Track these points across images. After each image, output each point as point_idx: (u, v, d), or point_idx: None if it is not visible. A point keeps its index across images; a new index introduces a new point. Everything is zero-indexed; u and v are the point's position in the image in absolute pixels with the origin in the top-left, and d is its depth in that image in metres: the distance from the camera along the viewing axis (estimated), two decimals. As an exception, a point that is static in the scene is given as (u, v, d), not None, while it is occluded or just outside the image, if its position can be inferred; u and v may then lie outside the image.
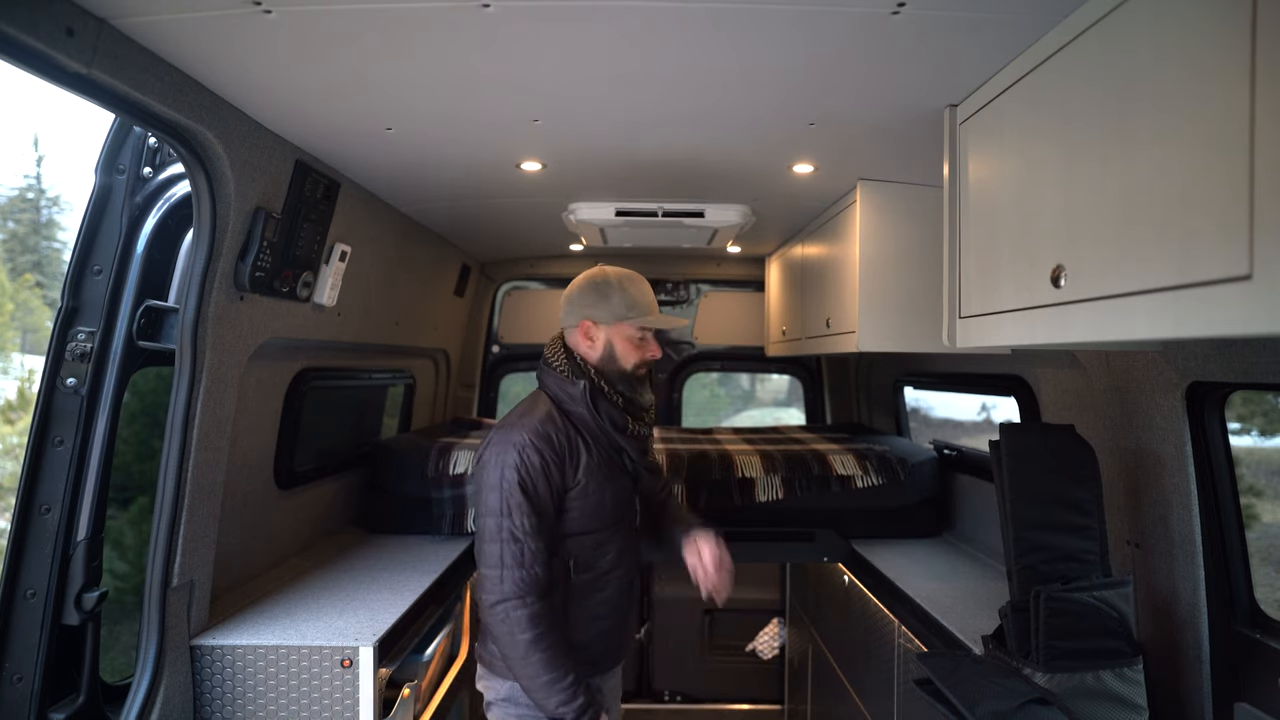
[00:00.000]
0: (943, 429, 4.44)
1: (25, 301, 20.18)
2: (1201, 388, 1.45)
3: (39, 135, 37.62)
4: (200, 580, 1.80)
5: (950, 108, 1.59)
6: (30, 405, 1.78)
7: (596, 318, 1.72)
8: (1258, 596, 1.48)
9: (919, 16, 1.20)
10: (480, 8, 1.18)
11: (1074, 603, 1.40)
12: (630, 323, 1.71)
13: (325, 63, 1.41)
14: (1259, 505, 4.98)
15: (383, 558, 2.50)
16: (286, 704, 1.76)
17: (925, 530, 2.81)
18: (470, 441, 2.93)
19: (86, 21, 1.19)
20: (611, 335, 1.72)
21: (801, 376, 4.26)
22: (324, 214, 2.05)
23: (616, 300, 1.71)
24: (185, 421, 1.68)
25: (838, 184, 2.30)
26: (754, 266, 3.93)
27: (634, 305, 1.72)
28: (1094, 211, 1.12)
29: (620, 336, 1.72)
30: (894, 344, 2.20)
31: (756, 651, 3.78)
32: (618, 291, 1.72)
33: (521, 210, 2.73)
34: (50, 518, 1.62)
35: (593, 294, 1.73)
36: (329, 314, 2.25)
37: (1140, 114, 1.01)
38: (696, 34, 1.28)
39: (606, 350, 1.73)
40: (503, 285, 4.10)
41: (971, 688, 1.38)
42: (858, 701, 2.53)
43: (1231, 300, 0.85)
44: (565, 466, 1.64)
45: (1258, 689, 1.42)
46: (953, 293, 1.60)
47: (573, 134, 1.84)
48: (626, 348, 1.72)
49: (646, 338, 1.75)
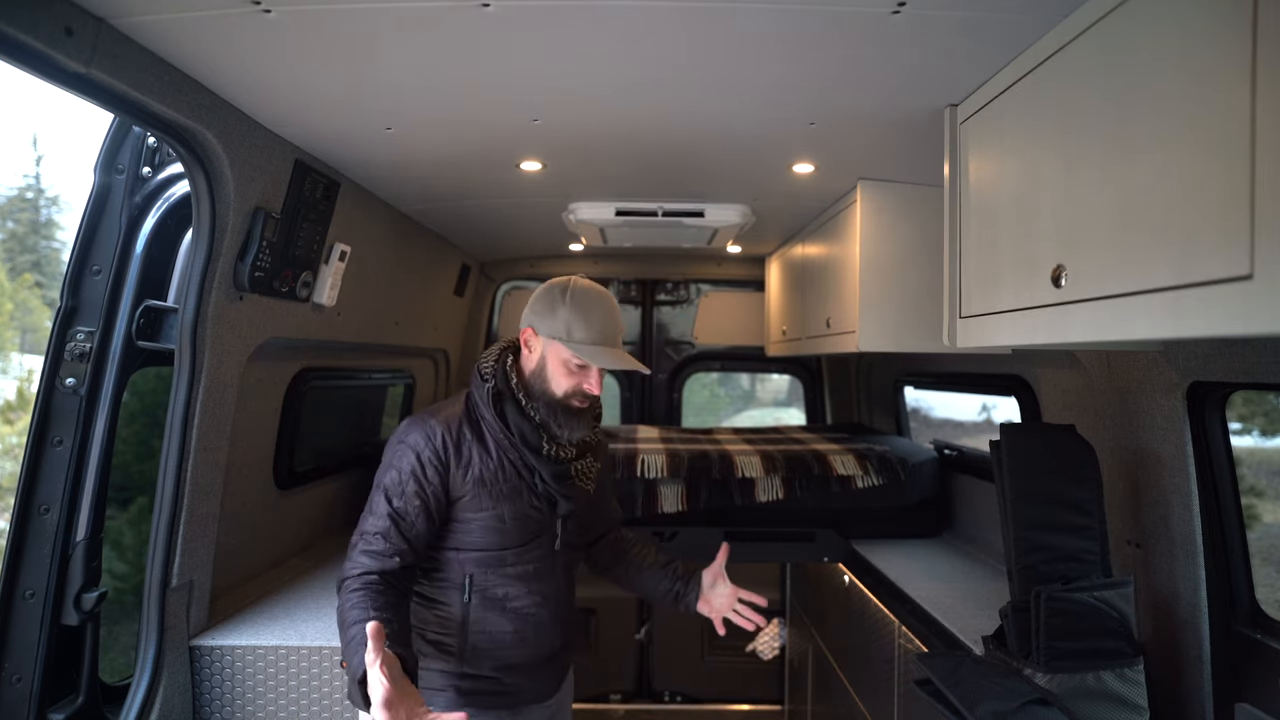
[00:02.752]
0: (943, 429, 4.43)
1: (24, 301, 20.17)
2: (1202, 388, 1.45)
3: (38, 135, 37.58)
4: (200, 580, 1.79)
5: (950, 108, 1.59)
6: (29, 405, 1.78)
7: (538, 327, 1.56)
8: (1258, 597, 1.48)
9: (919, 16, 1.20)
10: (480, 7, 1.18)
11: (1074, 603, 1.40)
12: (565, 345, 1.52)
13: (325, 63, 1.41)
14: (1260, 505, 4.98)
15: (382, 558, 2.49)
16: (286, 704, 1.76)
17: (925, 530, 2.81)
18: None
19: (85, 21, 1.19)
20: (547, 351, 1.55)
21: (802, 376, 4.26)
22: (323, 214, 2.05)
23: (561, 316, 1.53)
24: (185, 421, 1.68)
25: (838, 184, 2.30)
26: (754, 266, 3.93)
27: (575, 328, 1.52)
28: (1094, 211, 1.11)
29: (554, 356, 1.54)
30: (894, 344, 2.20)
31: (756, 651, 3.78)
32: (566, 308, 1.53)
33: (521, 210, 2.73)
34: (49, 518, 1.62)
35: (545, 301, 1.56)
36: (329, 314, 2.24)
37: (1141, 114, 1.01)
38: (696, 33, 1.28)
39: (539, 365, 1.56)
40: (502, 285, 4.10)
41: (972, 688, 1.37)
42: (858, 701, 2.52)
43: (1232, 300, 0.85)
44: (450, 473, 1.51)
45: (1258, 689, 1.42)
46: (953, 293, 1.60)
47: (573, 134, 1.84)
48: (558, 370, 1.54)
49: (588, 369, 1.54)
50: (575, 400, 1.55)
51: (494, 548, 1.55)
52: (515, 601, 1.58)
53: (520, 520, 1.56)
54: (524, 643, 1.59)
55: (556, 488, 1.58)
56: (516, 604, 1.58)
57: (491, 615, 1.56)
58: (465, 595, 1.56)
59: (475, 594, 1.56)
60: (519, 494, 1.55)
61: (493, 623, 1.57)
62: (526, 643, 1.59)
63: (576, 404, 1.56)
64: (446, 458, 1.51)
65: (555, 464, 1.56)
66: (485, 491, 1.53)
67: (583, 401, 1.56)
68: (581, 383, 1.54)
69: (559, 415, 1.56)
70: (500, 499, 1.54)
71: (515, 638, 1.58)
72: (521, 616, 1.58)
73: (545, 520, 1.60)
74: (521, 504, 1.56)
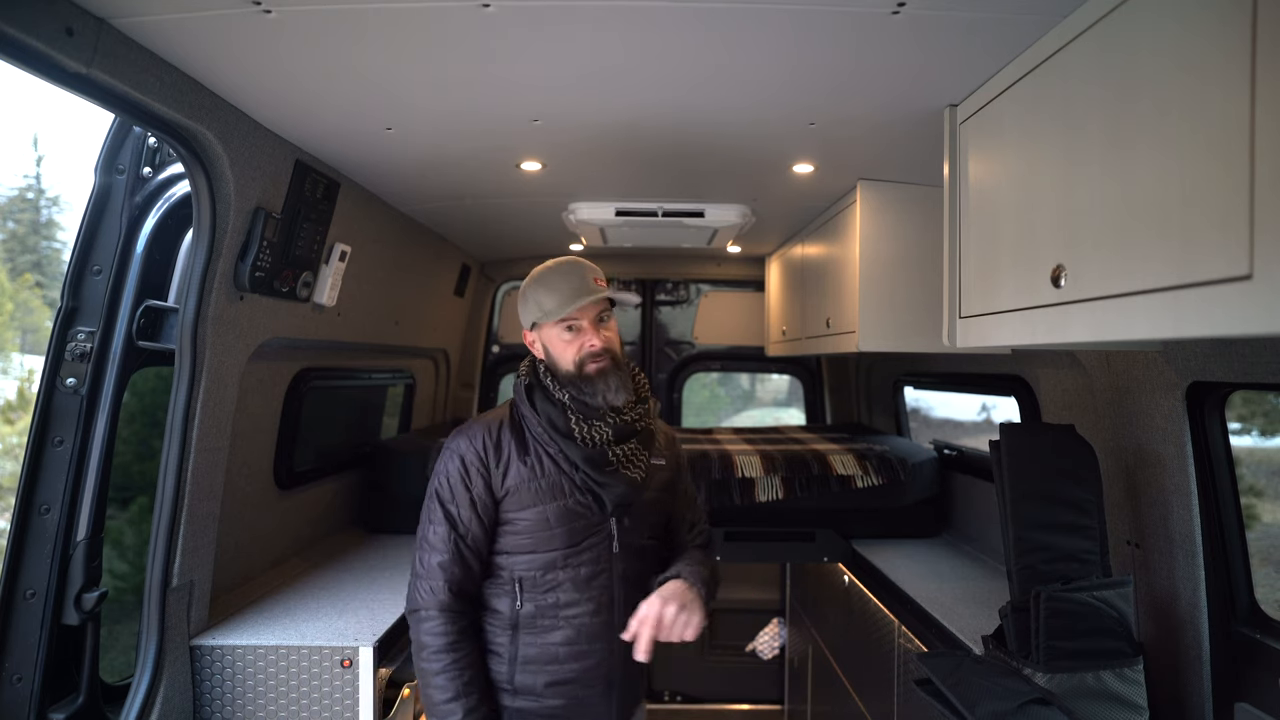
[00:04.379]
0: (943, 429, 4.44)
1: (25, 301, 20.17)
2: (1201, 388, 1.45)
3: (39, 135, 37.58)
4: (200, 580, 1.79)
5: (950, 108, 1.59)
6: (30, 405, 1.78)
7: (525, 323, 1.60)
8: (1258, 596, 1.48)
9: (919, 16, 1.20)
10: (480, 7, 1.18)
11: (1074, 603, 1.40)
12: (546, 323, 1.54)
13: (325, 63, 1.41)
14: (1259, 505, 4.99)
15: (383, 558, 2.50)
16: (286, 704, 1.76)
17: (925, 530, 2.81)
18: (470, 441, 2.93)
19: (86, 21, 1.19)
20: (542, 338, 1.57)
21: (802, 376, 4.26)
22: (324, 214, 2.05)
23: (530, 303, 1.56)
24: (185, 421, 1.68)
25: (838, 184, 2.30)
26: (754, 266, 3.93)
27: (544, 301, 1.53)
28: (1094, 211, 1.11)
29: (548, 338, 1.55)
30: (894, 344, 2.20)
31: (756, 651, 3.78)
32: (531, 292, 1.55)
33: (521, 210, 2.73)
34: (50, 518, 1.62)
35: (520, 300, 1.60)
36: (329, 314, 2.25)
37: (1140, 113, 1.01)
38: (696, 34, 1.28)
39: (547, 355, 1.57)
40: (502, 285, 4.10)
41: (971, 688, 1.37)
42: (858, 701, 2.52)
43: (1231, 300, 0.85)
44: (491, 473, 1.51)
45: (1258, 689, 1.42)
46: (953, 292, 1.60)
47: (573, 134, 1.84)
48: (558, 347, 1.54)
49: (578, 327, 1.53)
50: (589, 365, 1.52)
51: (542, 549, 1.51)
52: (568, 609, 1.51)
53: (566, 518, 1.51)
54: (577, 655, 1.52)
55: (594, 475, 1.51)
56: (569, 611, 1.51)
57: (543, 622, 1.52)
58: (517, 601, 1.52)
59: (526, 599, 1.52)
60: (560, 489, 1.51)
61: (544, 630, 1.52)
62: (580, 655, 1.52)
63: (592, 368, 1.52)
64: (487, 458, 1.52)
65: (589, 448, 1.51)
66: (526, 488, 1.51)
67: (596, 364, 1.52)
68: (583, 345, 1.52)
69: (583, 387, 1.52)
70: (541, 495, 1.51)
71: (568, 650, 1.51)
72: (574, 625, 1.51)
73: (596, 520, 1.53)
74: (565, 500, 1.51)
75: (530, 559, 1.52)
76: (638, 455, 1.56)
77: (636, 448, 1.56)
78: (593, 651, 1.53)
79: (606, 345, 1.53)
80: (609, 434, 1.52)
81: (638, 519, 1.57)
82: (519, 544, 1.52)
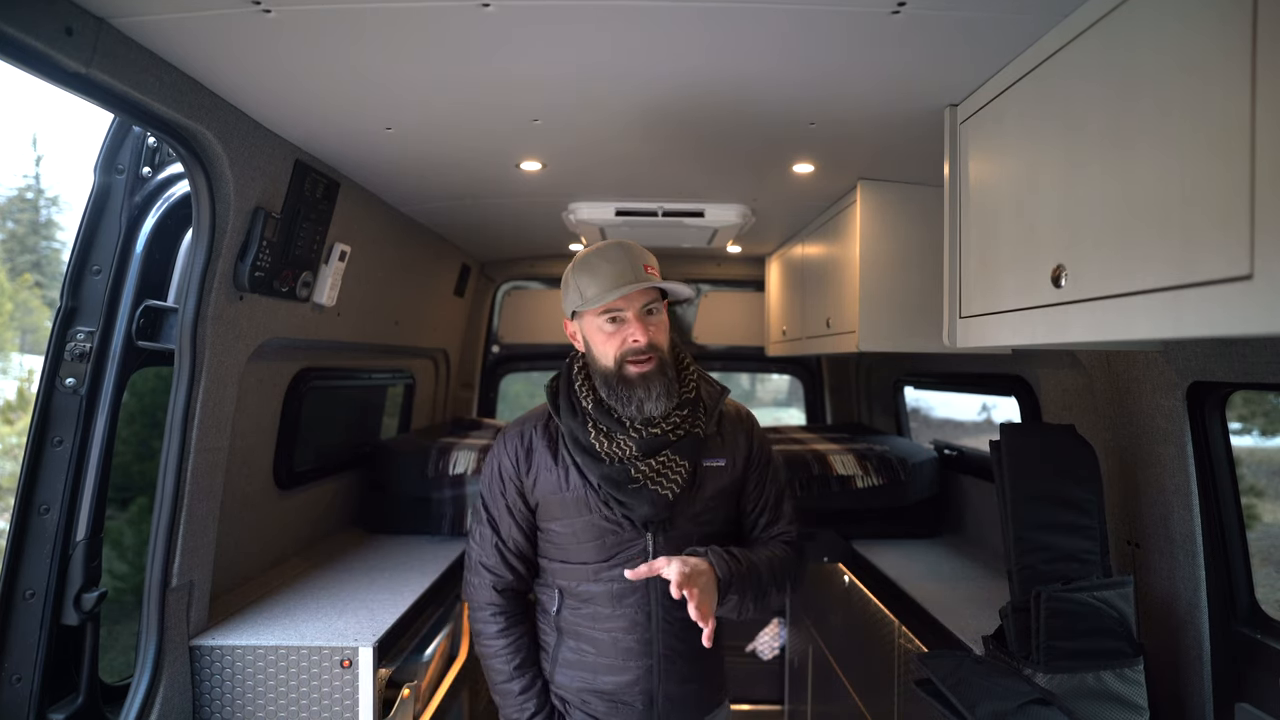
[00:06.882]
0: (943, 429, 4.44)
1: (24, 301, 20.17)
2: (1202, 388, 1.45)
3: (38, 135, 37.61)
4: (199, 580, 1.79)
5: (950, 107, 1.59)
6: (29, 405, 1.77)
7: (566, 312, 1.47)
8: (1258, 596, 1.48)
9: (919, 16, 1.20)
10: (480, 7, 1.18)
11: (1074, 603, 1.40)
12: (587, 311, 1.39)
13: (325, 63, 1.41)
14: (1259, 505, 4.99)
15: (383, 558, 2.50)
16: (286, 704, 1.76)
17: (925, 530, 2.81)
18: (470, 441, 2.93)
19: (86, 21, 1.19)
20: (583, 328, 1.44)
21: (802, 376, 4.26)
22: (323, 214, 2.05)
23: (572, 289, 1.41)
24: (185, 421, 1.68)
25: (838, 184, 2.30)
26: (754, 266, 3.93)
27: (585, 288, 1.37)
28: (1095, 211, 1.11)
29: (589, 328, 1.42)
30: (894, 344, 2.20)
31: (756, 651, 3.78)
32: (574, 276, 1.41)
33: (521, 210, 2.73)
34: (49, 518, 1.62)
35: (564, 283, 1.46)
36: (328, 314, 2.24)
37: (1141, 113, 1.01)
38: (696, 34, 1.28)
39: (588, 348, 1.45)
40: (502, 285, 4.10)
41: (972, 688, 1.37)
42: (858, 701, 2.52)
43: (1232, 300, 0.85)
44: (523, 482, 1.47)
45: (1258, 689, 1.42)
46: (953, 292, 1.60)
47: (572, 134, 1.84)
48: (598, 340, 1.40)
49: (622, 318, 1.38)
50: (629, 366, 1.38)
51: (574, 560, 1.47)
52: (604, 623, 1.46)
53: (593, 533, 1.42)
54: (612, 669, 1.47)
55: (614, 494, 1.39)
56: (604, 625, 1.46)
57: (582, 630, 1.49)
58: (557, 606, 1.52)
59: (565, 607, 1.50)
60: (585, 504, 1.42)
61: (581, 637, 1.49)
62: (614, 670, 1.47)
63: (633, 369, 1.38)
64: (517, 465, 1.49)
65: (609, 465, 1.39)
66: (554, 500, 1.44)
67: (638, 364, 1.38)
68: (626, 339, 1.38)
69: (619, 391, 1.39)
70: (568, 509, 1.43)
71: (602, 663, 1.48)
72: (608, 639, 1.46)
73: (629, 536, 1.42)
74: (592, 515, 1.42)
75: (565, 568, 1.49)
76: (671, 468, 1.40)
77: (670, 459, 1.41)
78: (628, 669, 1.46)
79: (652, 341, 1.39)
80: (633, 449, 1.40)
81: (682, 533, 1.44)
82: (555, 553, 1.51)
